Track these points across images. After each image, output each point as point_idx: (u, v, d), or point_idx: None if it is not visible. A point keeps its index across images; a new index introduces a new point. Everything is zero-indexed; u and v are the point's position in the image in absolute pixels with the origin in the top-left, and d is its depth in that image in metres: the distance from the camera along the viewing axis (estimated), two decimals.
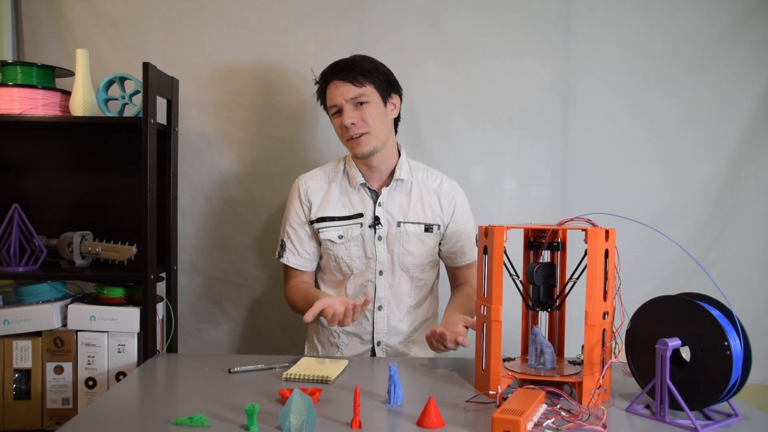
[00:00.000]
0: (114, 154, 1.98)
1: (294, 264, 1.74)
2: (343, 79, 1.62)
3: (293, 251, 1.74)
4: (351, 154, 1.69)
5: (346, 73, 1.62)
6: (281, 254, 1.75)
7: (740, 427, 1.16)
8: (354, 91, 1.61)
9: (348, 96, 1.61)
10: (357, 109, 1.62)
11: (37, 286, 1.71)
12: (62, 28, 2.05)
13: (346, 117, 1.61)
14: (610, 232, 1.27)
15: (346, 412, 1.17)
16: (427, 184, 1.74)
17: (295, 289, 1.74)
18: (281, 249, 1.76)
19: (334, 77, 1.63)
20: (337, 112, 1.65)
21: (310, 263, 1.76)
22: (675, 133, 2.13)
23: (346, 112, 1.62)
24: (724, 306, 1.21)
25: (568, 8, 2.09)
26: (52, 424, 1.64)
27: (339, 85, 1.62)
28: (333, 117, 1.68)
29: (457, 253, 1.75)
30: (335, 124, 1.68)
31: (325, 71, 1.67)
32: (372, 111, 1.63)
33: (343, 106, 1.62)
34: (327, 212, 1.70)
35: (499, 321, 1.30)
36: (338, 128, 1.66)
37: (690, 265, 2.07)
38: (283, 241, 1.75)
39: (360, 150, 1.63)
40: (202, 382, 1.41)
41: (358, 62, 1.64)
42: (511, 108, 2.12)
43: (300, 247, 1.73)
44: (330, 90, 1.65)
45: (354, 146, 1.64)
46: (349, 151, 1.69)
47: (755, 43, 2.11)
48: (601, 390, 1.24)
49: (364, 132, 1.62)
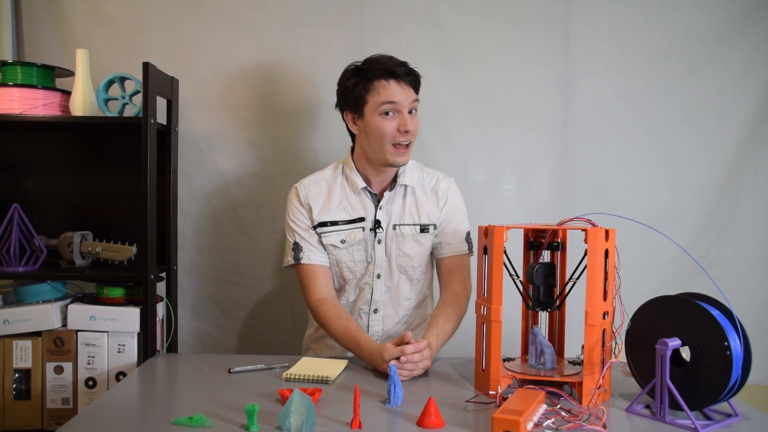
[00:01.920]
0: (114, 154, 1.98)
1: (317, 261, 1.65)
2: (410, 82, 1.57)
3: (312, 249, 1.65)
4: (383, 160, 1.59)
5: (411, 78, 1.58)
6: (299, 256, 1.65)
7: (740, 427, 1.16)
8: (413, 96, 1.59)
9: (410, 100, 1.57)
10: (410, 116, 1.58)
11: (37, 286, 1.71)
12: (62, 28, 2.05)
13: (409, 122, 1.56)
14: (610, 232, 1.27)
15: (346, 412, 1.17)
16: (423, 184, 1.71)
17: (327, 308, 1.61)
18: (296, 251, 1.65)
19: (404, 77, 1.56)
20: (392, 111, 1.56)
21: (327, 259, 1.68)
22: (675, 133, 2.13)
23: (407, 117, 1.56)
24: (724, 306, 1.21)
25: (568, 8, 2.09)
26: (52, 424, 1.64)
27: (405, 87, 1.56)
28: (381, 116, 1.56)
29: (444, 243, 1.69)
30: (383, 124, 1.56)
31: (391, 66, 1.56)
32: (418, 122, 1.61)
33: (404, 110, 1.56)
34: (328, 217, 1.66)
35: (499, 321, 1.30)
36: (389, 130, 1.56)
37: (690, 265, 2.07)
38: (297, 243, 1.66)
39: (403, 160, 1.59)
40: (202, 382, 1.41)
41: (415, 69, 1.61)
42: (511, 108, 2.12)
43: (317, 244, 1.66)
44: (393, 87, 1.55)
45: (399, 155, 1.58)
46: (386, 157, 1.58)
47: (755, 43, 2.11)
48: (601, 390, 1.25)
49: (411, 141, 1.60)
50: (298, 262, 1.65)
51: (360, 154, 1.67)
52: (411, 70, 1.60)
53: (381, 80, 1.56)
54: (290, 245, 1.68)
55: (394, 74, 1.56)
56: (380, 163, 1.62)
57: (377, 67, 1.57)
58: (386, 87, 1.56)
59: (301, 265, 1.66)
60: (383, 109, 1.56)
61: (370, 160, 1.64)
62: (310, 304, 1.66)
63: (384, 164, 1.61)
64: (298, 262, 1.65)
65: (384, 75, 1.56)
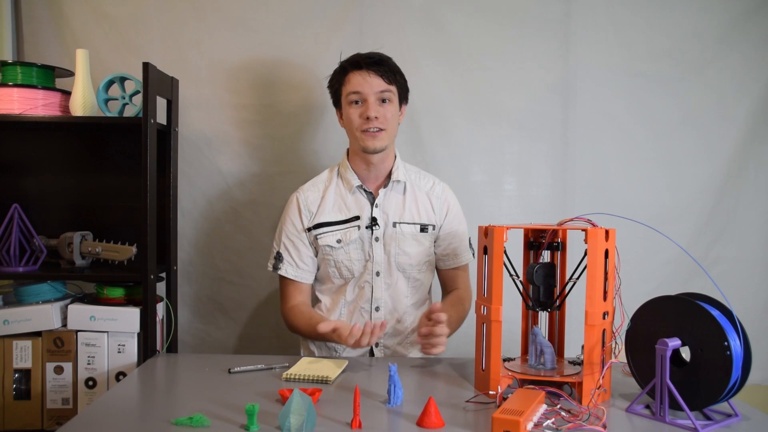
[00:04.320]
0: (114, 154, 1.98)
1: (293, 275, 1.70)
2: (376, 71, 1.62)
3: (291, 263, 1.70)
4: (359, 146, 1.66)
5: (379, 67, 1.63)
6: (277, 266, 1.71)
7: (740, 427, 1.16)
8: (383, 85, 1.63)
9: (377, 89, 1.62)
10: (380, 104, 1.63)
11: (37, 286, 1.71)
12: (62, 28, 2.05)
13: (372, 109, 1.61)
14: (610, 232, 1.27)
15: (346, 412, 1.17)
16: (420, 186, 1.74)
17: (296, 310, 1.69)
18: (277, 261, 1.71)
19: (367, 67, 1.62)
20: (358, 101, 1.63)
21: (308, 275, 1.72)
22: (675, 133, 2.13)
23: (371, 104, 1.62)
24: (724, 306, 1.21)
25: (568, 8, 2.09)
26: (52, 424, 1.64)
27: (370, 76, 1.62)
28: (349, 105, 1.64)
29: (450, 255, 1.75)
30: (350, 113, 1.64)
31: (356, 58, 1.65)
32: (392, 110, 1.65)
33: (369, 98, 1.62)
34: (323, 218, 1.69)
35: (499, 321, 1.30)
36: (354, 118, 1.63)
37: (690, 265, 2.07)
38: (279, 253, 1.71)
39: (373, 145, 1.63)
40: (202, 382, 1.41)
41: (388, 60, 1.66)
42: (511, 108, 2.12)
43: (298, 258, 1.70)
44: (356, 77, 1.63)
45: (368, 139, 1.63)
46: (359, 143, 1.65)
47: (755, 43, 2.11)
48: (601, 390, 1.25)
49: (382, 128, 1.63)
50: (276, 270, 1.72)
51: (352, 151, 1.73)
52: (380, 60, 1.65)
53: (349, 72, 1.65)
54: (273, 252, 1.74)
55: (358, 65, 1.64)
56: (360, 152, 1.67)
57: (348, 61, 1.68)
58: (352, 77, 1.64)
59: (281, 276, 1.73)
60: (350, 99, 1.65)
61: (356, 152, 1.70)
62: (283, 312, 1.74)
63: (362, 152, 1.66)
64: (276, 270, 1.72)
65: (351, 66, 1.65)
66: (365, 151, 1.65)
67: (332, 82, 1.71)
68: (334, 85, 1.70)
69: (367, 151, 1.65)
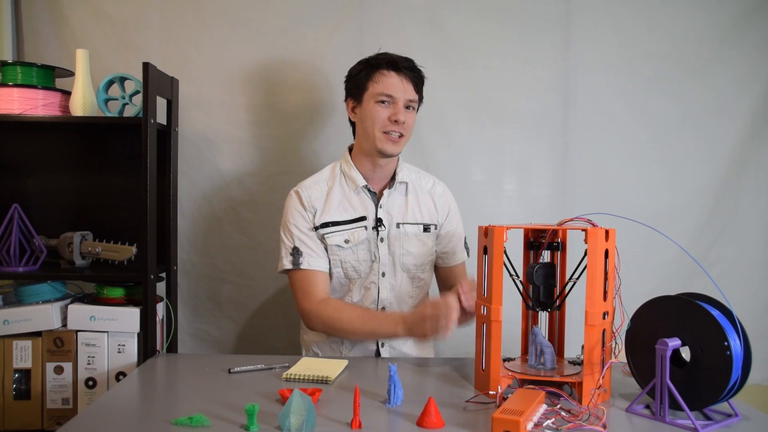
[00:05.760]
0: (114, 154, 1.98)
1: (317, 266, 1.63)
2: (411, 78, 1.63)
3: (312, 254, 1.63)
4: (374, 147, 1.62)
5: (414, 74, 1.64)
6: (297, 261, 1.62)
7: (740, 427, 1.16)
8: (413, 93, 1.64)
9: (408, 95, 1.63)
10: (406, 111, 1.64)
11: (37, 286, 1.71)
12: (62, 28, 2.05)
13: (402, 114, 1.61)
14: (610, 232, 1.27)
15: (346, 412, 1.17)
16: (421, 186, 1.75)
17: (334, 304, 1.61)
18: (295, 256, 1.63)
19: (405, 71, 1.62)
20: (386, 101, 1.61)
21: (327, 266, 1.66)
22: (675, 133, 2.13)
23: (401, 108, 1.62)
24: (724, 306, 1.21)
25: (568, 8, 2.09)
26: (52, 424, 1.64)
27: (405, 81, 1.62)
28: (376, 103, 1.61)
29: (449, 254, 1.76)
30: (377, 112, 1.61)
31: (395, 59, 1.63)
32: (413, 119, 1.67)
33: (399, 102, 1.61)
34: (330, 217, 1.66)
35: (499, 321, 1.30)
36: (381, 118, 1.61)
37: (690, 265, 2.07)
38: (296, 248, 1.63)
39: (392, 149, 1.63)
40: (202, 382, 1.41)
41: (420, 69, 1.68)
42: (511, 108, 2.12)
43: (318, 249, 1.64)
44: (392, 78, 1.62)
45: (389, 143, 1.62)
46: (376, 144, 1.62)
47: (755, 43, 2.11)
48: (601, 390, 1.24)
49: (403, 134, 1.64)
50: (297, 267, 1.62)
51: (358, 149, 1.71)
52: (414, 67, 1.65)
53: (383, 70, 1.62)
54: (287, 250, 1.65)
55: (396, 66, 1.62)
56: (372, 152, 1.65)
57: (383, 57, 1.65)
58: (386, 77, 1.62)
59: (300, 270, 1.63)
60: (379, 98, 1.62)
61: (365, 152, 1.68)
62: (312, 308, 1.61)
63: (375, 152, 1.64)
64: (297, 267, 1.62)
65: (386, 65, 1.63)
66: (381, 154, 1.63)
67: (357, 74, 1.66)
68: (360, 79, 1.65)
69: (383, 155, 1.63)
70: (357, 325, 1.58)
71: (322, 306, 1.61)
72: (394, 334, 1.55)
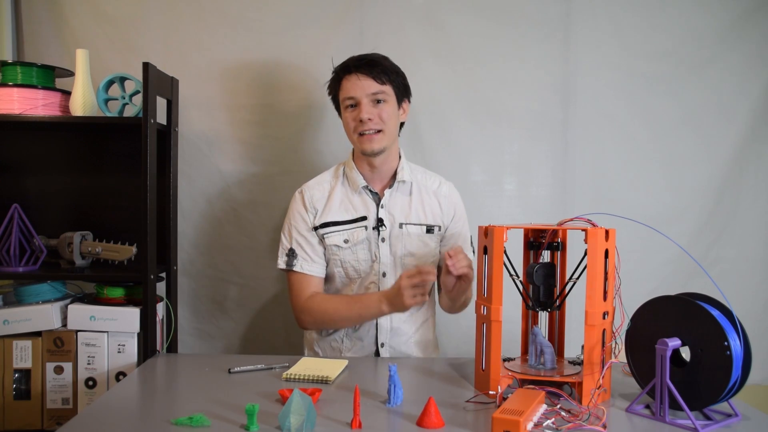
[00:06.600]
0: (114, 154, 1.98)
1: (309, 271, 1.67)
2: (366, 73, 1.62)
3: (306, 258, 1.67)
4: (358, 150, 1.66)
5: (369, 69, 1.62)
6: (291, 263, 1.67)
7: (740, 427, 1.16)
8: (375, 87, 1.62)
9: (368, 91, 1.61)
10: (374, 106, 1.63)
11: (37, 286, 1.71)
12: (62, 28, 2.05)
13: (365, 111, 1.61)
14: (610, 232, 1.27)
15: (346, 412, 1.17)
16: (426, 186, 1.74)
17: (320, 297, 1.66)
18: (290, 257, 1.67)
19: (357, 70, 1.62)
20: (352, 105, 1.63)
21: (322, 270, 1.70)
22: (675, 133, 2.13)
23: (364, 106, 1.61)
24: (724, 306, 1.21)
25: (568, 8, 2.09)
26: (52, 424, 1.64)
27: (361, 79, 1.61)
28: (345, 110, 1.65)
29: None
30: (346, 118, 1.65)
31: (347, 63, 1.65)
32: (388, 110, 1.64)
33: (361, 101, 1.61)
34: (330, 217, 1.67)
35: (499, 321, 1.30)
36: (350, 122, 1.64)
37: (690, 265, 2.07)
38: (292, 249, 1.68)
39: (371, 147, 1.62)
40: (202, 382, 1.41)
41: (380, 60, 1.65)
42: (511, 108, 2.12)
43: (313, 253, 1.67)
44: (349, 82, 1.63)
45: (365, 142, 1.62)
46: (358, 147, 1.66)
47: (755, 43, 2.11)
48: (601, 390, 1.25)
49: (379, 129, 1.62)
50: (290, 268, 1.67)
51: (356, 153, 1.72)
52: (368, 62, 1.64)
53: (342, 78, 1.66)
54: (284, 250, 1.70)
55: (348, 69, 1.64)
56: (361, 155, 1.67)
57: (339, 66, 1.68)
58: (346, 81, 1.64)
59: (293, 272, 1.68)
60: (346, 104, 1.65)
61: (358, 154, 1.70)
62: (300, 305, 1.66)
63: (363, 154, 1.66)
64: (290, 268, 1.67)
65: (343, 72, 1.66)
66: (364, 154, 1.65)
67: (330, 90, 1.72)
68: (332, 91, 1.71)
69: (366, 154, 1.65)
70: (344, 312, 1.62)
71: (309, 302, 1.66)
72: (380, 311, 1.58)
